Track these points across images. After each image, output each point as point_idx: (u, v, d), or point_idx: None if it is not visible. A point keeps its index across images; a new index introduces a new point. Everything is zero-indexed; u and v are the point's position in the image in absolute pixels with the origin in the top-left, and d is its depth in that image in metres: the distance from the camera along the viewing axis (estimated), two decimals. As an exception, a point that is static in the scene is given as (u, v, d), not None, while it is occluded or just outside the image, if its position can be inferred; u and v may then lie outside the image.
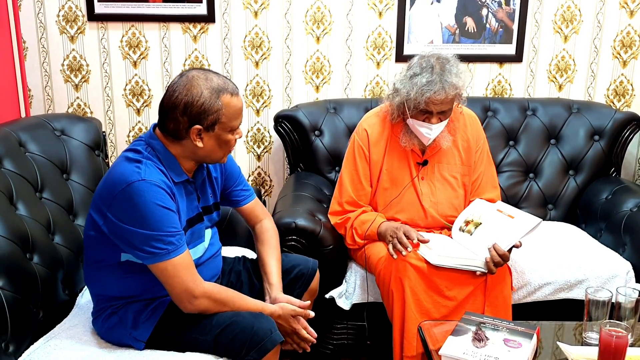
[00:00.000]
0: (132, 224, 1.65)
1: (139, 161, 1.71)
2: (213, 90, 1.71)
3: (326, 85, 3.04)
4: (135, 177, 1.66)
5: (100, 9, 2.88)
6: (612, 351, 1.60)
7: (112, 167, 1.75)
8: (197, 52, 2.96)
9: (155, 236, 1.65)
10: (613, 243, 2.56)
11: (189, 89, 1.70)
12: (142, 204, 1.64)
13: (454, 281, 2.18)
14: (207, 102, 1.70)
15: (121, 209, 1.66)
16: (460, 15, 2.97)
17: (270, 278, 1.95)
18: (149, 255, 1.67)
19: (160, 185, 1.68)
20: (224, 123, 1.73)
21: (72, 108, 3.01)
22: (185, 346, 1.76)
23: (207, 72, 1.75)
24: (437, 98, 2.19)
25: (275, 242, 2.05)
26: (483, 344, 1.72)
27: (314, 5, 2.93)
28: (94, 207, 1.75)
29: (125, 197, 1.65)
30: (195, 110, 1.69)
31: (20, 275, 1.81)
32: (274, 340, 1.70)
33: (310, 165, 2.85)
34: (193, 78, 1.71)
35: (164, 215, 1.67)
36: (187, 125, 1.71)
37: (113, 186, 1.68)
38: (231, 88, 1.74)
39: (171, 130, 1.74)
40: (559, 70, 3.08)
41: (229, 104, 1.73)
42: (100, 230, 1.73)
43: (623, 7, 3.01)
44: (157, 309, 1.80)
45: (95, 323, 1.87)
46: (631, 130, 2.88)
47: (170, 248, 1.67)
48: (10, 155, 2.08)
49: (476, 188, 2.45)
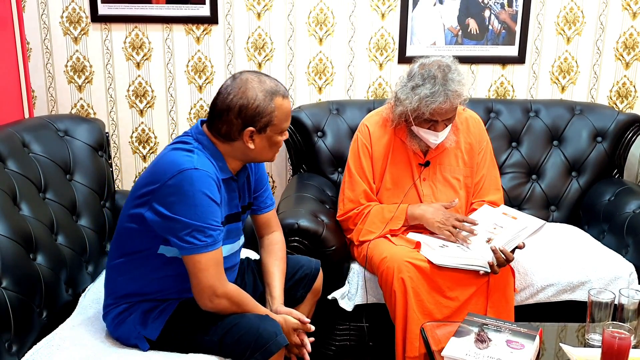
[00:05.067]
0: (179, 211, 1.65)
1: (190, 150, 1.73)
2: (267, 92, 1.73)
3: (329, 86, 3.04)
4: (188, 164, 1.67)
5: (104, 10, 2.88)
6: (614, 353, 1.60)
7: (159, 157, 1.76)
8: (200, 54, 2.97)
9: (198, 227, 1.66)
10: (616, 245, 2.56)
11: (244, 92, 1.72)
12: (192, 192, 1.65)
13: (456, 282, 2.18)
14: (262, 105, 1.72)
15: (169, 196, 1.66)
16: (462, 16, 2.97)
17: (273, 291, 1.95)
18: (189, 245, 1.67)
19: (211, 175, 1.69)
20: (276, 125, 1.76)
21: (75, 109, 3.02)
22: (191, 346, 1.77)
23: (260, 75, 1.77)
24: (443, 108, 2.19)
25: (282, 255, 2.04)
26: (485, 345, 1.72)
27: (317, 7, 2.94)
28: (135, 200, 1.75)
29: (176, 183, 1.65)
30: (250, 112, 1.72)
31: (24, 276, 1.82)
32: (279, 344, 1.70)
33: (313, 166, 2.86)
34: (247, 81, 1.73)
35: (210, 207, 1.68)
36: (240, 127, 1.73)
37: (162, 173, 1.68)
38: (282, 91, 1.77)
39: (224, 132, 1.75)
40: (562, 72, 3.08)
41: (281, 106, 1.76)
42: (141, 222, 1.73)
43: (626, 9, 3.01)
44: (166, 310, 1.80)
45: (105, 317, 1.87)
46: (634, 132, 2.87)
47: (209, 241, 1.68)
48: (14, 155, 2.09)
49: (479, 190, 2.45)
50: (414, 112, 2.23)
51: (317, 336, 1.93)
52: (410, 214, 2.33)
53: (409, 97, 2.23)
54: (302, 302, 2.07)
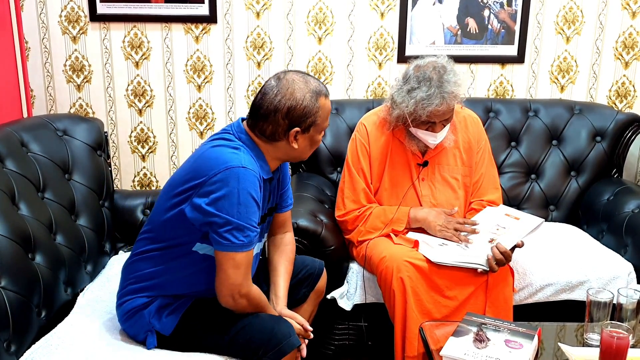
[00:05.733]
0: (222, 208, 1.64)
1: (236, 148, 1.72)
2: (313, 93, 1.74)
3: (328, 86, 3.04)
4: (236, 162, 1.66)
5: (103, 9, 2.88)
6: (613, 352, 1.60)
7: (201, 153, 1.74)
8: (199, 53, 2.97)
9: (239, 225, 1.65)
10: (615, 244, 2.56)
11: (292, 93, 1.72)
12: (237, 190, 1.64)
13: (455, 281, 2.18)
14: (309, 106, 1.73)
15: (214, 191, 1.65)
16: (462, 16, 2.97)
17: (278, 290, 1.95)
18: (227, 242, 1.66)
19: (257, 175, 1.69)
20: (319, 125, 1.78)
21: (74, 108, 3.02)
22: (200, 344, 1.77)
23: (305, 75, 1.78)
24: (439, 110, 2.19)
25: (292, 257, 2.04)
26: (484, 345, 1.72)
27: (316, 6, 2.94)
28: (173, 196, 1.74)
29: (223, 179, 1.64)
30: (298, 113, 1.72)
31: (22, 275, 1.81)
32: (292, 344, 1.71)
33: (312, 165, 2.86)
34: (294, 81, 1.74)
35: (253, 207, 1.67)
36: (286, 128, 1.74)
37: (207, 168, 1.67)
38: (325, 90, 1.79)
39: (269, 133, 1.75)
40: (561, 72, 3.08)
41: (324, 106, 1.77)
42: (179, 217, 1.72)
43: (625, 8, 3.01)
44: (181, 306, 1.81)
45: (119, 307, 1.87)
46: (633, 132, 2.88)
47: (246, 241, 1.67)
48: (13, 155, 2.09)
49: (477, 189, 2.45)
50: (411, 115, 2.23)
51: (316, 336, 1.94)
52: (413, 216, 2.33)
53: (405, 100, 2.22)
54: (305, 302, 2.08)
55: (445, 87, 2.18)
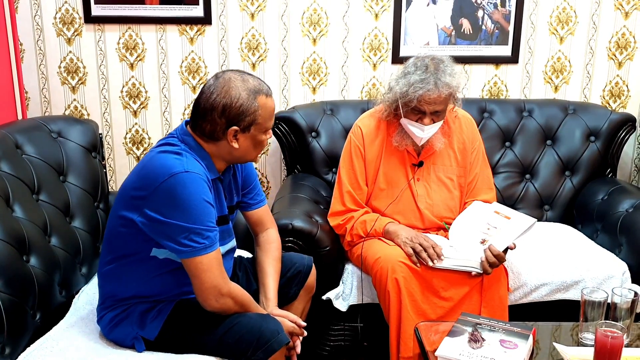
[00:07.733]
0: (174, 216, 1.64)
1: (178, 153, 1.71)
2: (250, 91, 1.72)
3: (323, 86, 3.04)
4: (179, 168, 1.66)
5: (97, 11, 2.88)
6: (607, 352, 1.60)
7: (147, 160, 1.73)
8: (194, 54, 2.97)
9: (196, 229, 1.65)
10: (609, 244, 2.57)
11: (227, 91, 1.71)
12: (186, 196, 1.64)
13: (450, 282, 2.18)
14: (245, 104, 1.71)
15: (162, 201, 1.65)
16: (456, 17, 2.98)
17: (267, 292, 1.95)
18: (188, 249, 1.66)
19: (202, 177, 1.68)
20: (260, 124, 1.76)
21: (69, 110, 3.01)
22: (189, 346, 1.76)
23: (243, 74, 1.76)
24: (430, 96, 2.20)
25: (278, 255, 2.04)
26: (479, 345, 1.73)
27: (311, 7, 2.94)
28: (124, 203, 1.74)
29: (169, 188, 1.64)
30: (234, 112, 1.71)
31: (17, 277, 1.81)
32: (281, 341, 1.71)
33: (307, 166, 2.86)
34: (230, 80, 1.73)
35: (205, 209, 1.67)
36: (224, 127, 1.73)
37: (153, 178, 1.66)
38: (266, 89, 1.77)
39: (208, 132, 1.74)
40: (555, 72, 3.09)
41: (264, 105, 1.75)
42: (132, 225, 1.71)
43: (618, 8, 3.02)
44: (163, 310, 1.80)
45: (100, 321, 1.87)
46: (627, 131, 2.89)
47: (207, 242, 1.67)
48: (7, 157, 2.08)
49: (472, 189, 2.45)
50: (403, 96, 2.23)
51: (311, 336, 1.93)
52: (386, 229, 2.33)
53: (400, 82, 2.25)
54: (296, 299, 2.07)
55: (440, 76, 2.20)
